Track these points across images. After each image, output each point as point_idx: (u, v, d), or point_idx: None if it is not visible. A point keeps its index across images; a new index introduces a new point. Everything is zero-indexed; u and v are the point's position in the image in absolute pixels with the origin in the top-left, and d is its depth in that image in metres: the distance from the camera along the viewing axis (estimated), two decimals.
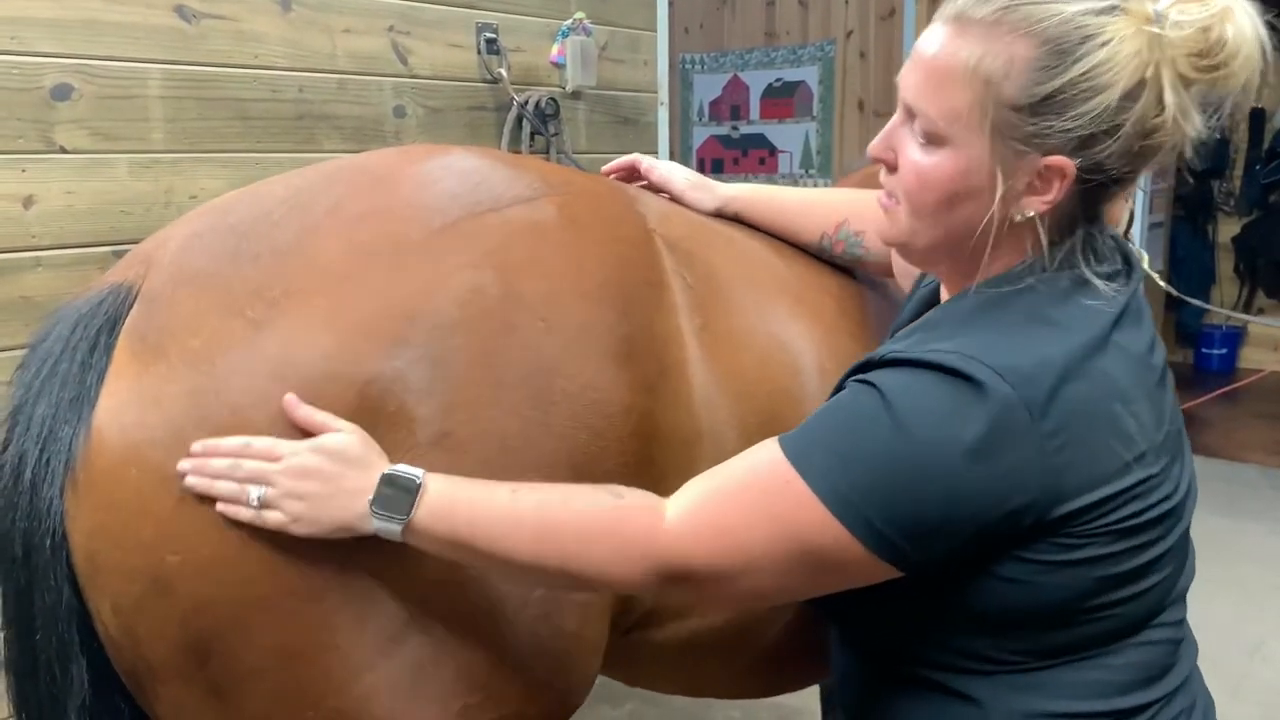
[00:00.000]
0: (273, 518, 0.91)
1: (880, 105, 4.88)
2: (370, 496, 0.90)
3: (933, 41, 0.90)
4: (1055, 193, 0.88)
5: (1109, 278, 0.92)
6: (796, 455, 0.88)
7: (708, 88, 5.53)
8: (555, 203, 1.13)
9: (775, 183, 5.28)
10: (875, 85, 4.90)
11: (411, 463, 0.93)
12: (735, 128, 5.46)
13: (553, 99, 2.58)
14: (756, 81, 5.35)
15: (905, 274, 1.30)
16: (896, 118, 0.94)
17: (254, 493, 0.91)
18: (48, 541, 0.94)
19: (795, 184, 5.22)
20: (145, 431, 0.93)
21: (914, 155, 0.91)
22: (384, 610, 0.95)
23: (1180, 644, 0.99)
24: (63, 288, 1.84)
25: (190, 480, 0.91)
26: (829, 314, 1.37)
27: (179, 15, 1.97)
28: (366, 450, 0.93)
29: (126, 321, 0.98)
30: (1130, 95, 0.84)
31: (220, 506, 0.91)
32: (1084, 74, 0.83)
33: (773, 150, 5.33)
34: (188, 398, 0.93)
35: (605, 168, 1.49)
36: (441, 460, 0.95)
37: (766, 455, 0.91)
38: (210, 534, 0.92)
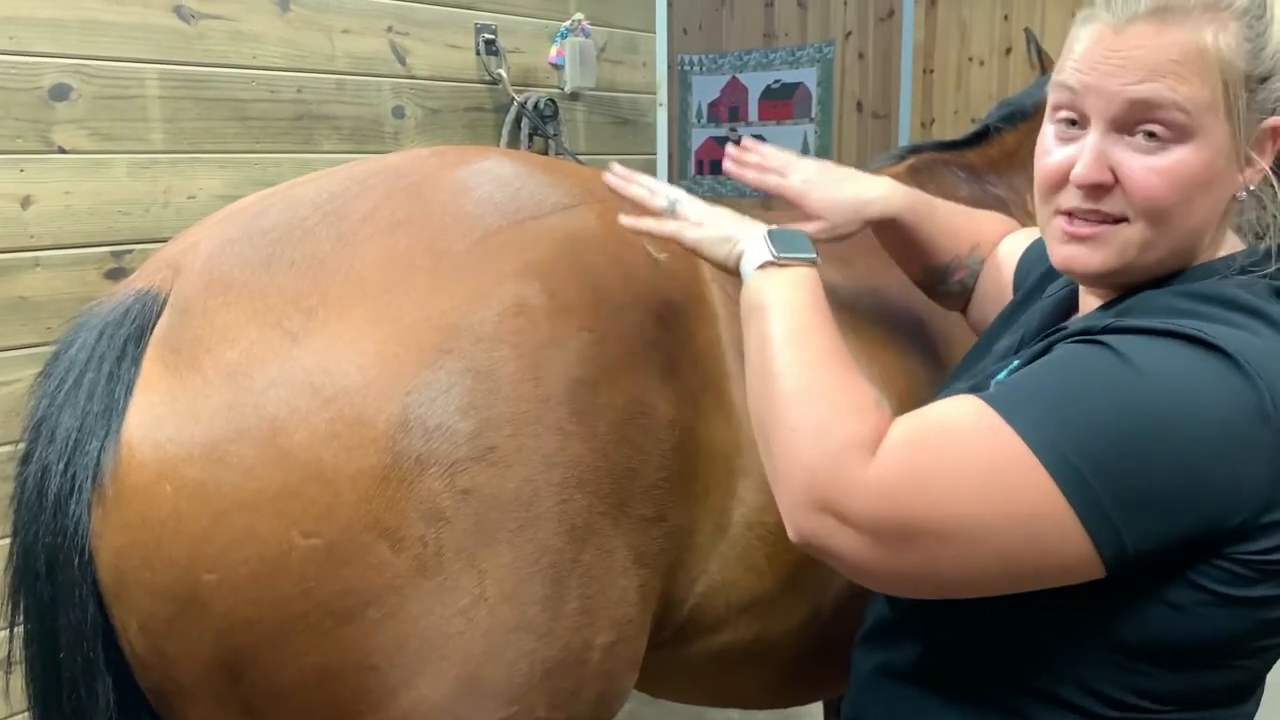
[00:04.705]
0: (674, 223, 1.06)
1: (878, 107, 4.89)
2: (771, 229, 1.01)
3: (1137, 40, 0.83)
4: (1269, 157, 0.86)
5: None
6: (1006, 407, 0.80)
7: (706, 89, 5.53)
8: (595, 210, 1.11)
9: None
10: (874, 86, 4.91)
11: (454, 478, 0.92)
12: (734, 129, 5.46)
13: (551, 100, 2.58)
14: (755, 83, 5.35)
15: (985, 304, 1.27)
16: (1097, 134, 0.85)
17: (668, 195, 1.09)
18: (74, 558, 0.91)
19: None
20: (181, 447, 0.89)
21: (1149, 161, 0.84)
22: (423, 629, 0.92)
23: None
24: (61, 288, 1.84)
25: (609, 178, 1.10)
26: (876, 326, 1.35)
27: (177, 15, 1.97)
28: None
29: (155, 331, 0.95)
30: None
31: (635, 195, 1.09)
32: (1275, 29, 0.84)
33: None
34: (225, 412, 0.89)
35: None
36: (485, 475, 0.93)
37: (969, 407, 0.82)
38: (248, 551, 0.88)
